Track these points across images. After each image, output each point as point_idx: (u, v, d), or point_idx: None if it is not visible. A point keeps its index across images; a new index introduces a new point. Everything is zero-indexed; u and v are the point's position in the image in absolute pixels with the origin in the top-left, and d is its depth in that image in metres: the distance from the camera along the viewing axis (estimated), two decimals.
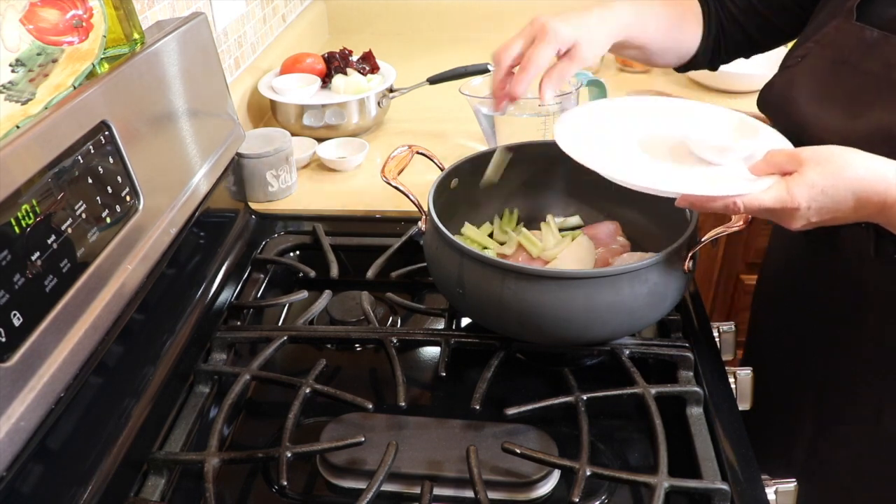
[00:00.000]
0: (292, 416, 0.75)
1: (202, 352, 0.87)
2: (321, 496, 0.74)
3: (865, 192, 0.66)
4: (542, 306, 0.74)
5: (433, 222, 0.82)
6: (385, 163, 0.87)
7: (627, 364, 0.81)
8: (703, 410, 0.79)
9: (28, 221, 0.59)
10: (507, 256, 0.90)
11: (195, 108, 0.90)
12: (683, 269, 0.78)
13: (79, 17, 0.71)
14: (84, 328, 0.63)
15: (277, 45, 1.55)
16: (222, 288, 0.95)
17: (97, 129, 0.69)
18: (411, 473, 0.72)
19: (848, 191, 0.66)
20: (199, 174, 0.89)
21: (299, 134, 1.32)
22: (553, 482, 0.73)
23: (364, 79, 1.38)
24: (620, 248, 0.92)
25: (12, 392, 0.55)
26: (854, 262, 0.83)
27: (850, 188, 0.66)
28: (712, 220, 1.04)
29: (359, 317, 0.95)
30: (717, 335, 0.89)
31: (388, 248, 1.03)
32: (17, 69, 0.65)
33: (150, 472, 0.73)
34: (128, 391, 0.74)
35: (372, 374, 0.89)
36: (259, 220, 1.12)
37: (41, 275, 0.59)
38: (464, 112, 1.48)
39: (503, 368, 0.83)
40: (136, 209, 0.74)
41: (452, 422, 0.77)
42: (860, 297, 0.83)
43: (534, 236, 0.92)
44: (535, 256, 0.89)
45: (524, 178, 1.00)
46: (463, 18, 1.92)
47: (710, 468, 0.72)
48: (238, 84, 1.34)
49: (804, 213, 0.67)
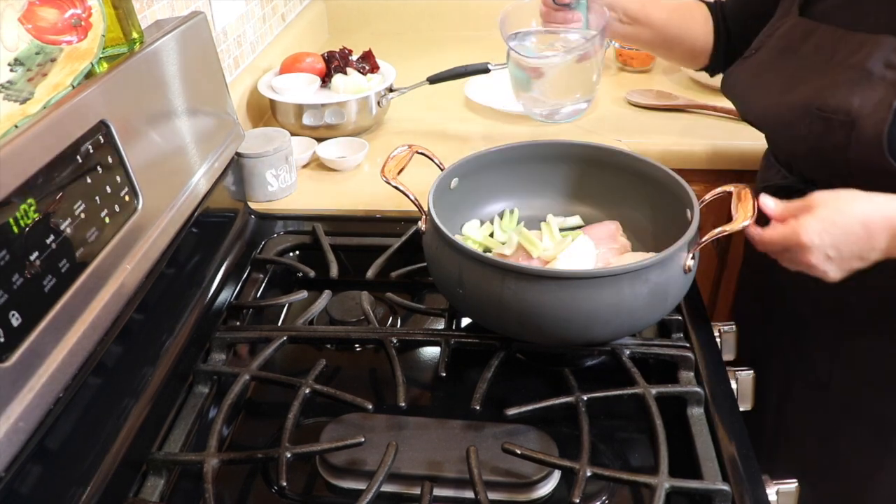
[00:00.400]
0: (292, 416, 0.75)
1: (201, 352, 0.87)
2: (321, 497, 0.74)
3: (872, 220, 0.71)
4: (542, 306, 0.74)
5: (433, 222, 0.82)
6: (385, 163, 0.87)
7: (628, 364, 0.81)
8: (704, 411, 0.78)
9: (27, 221, 0.58)
10: (507, 256, 0.90)
11: (194, 107, 0.90)
12: (684, 269, 0.78)
13: (77, 17, 0.71)
14: (83, 328, 0.63)
15: (277, 45, 1.55)
16: (222, 288, 0.95)
17: (96, 129, 0.69)
18: (411, 474, 0.72)
19: (856, 221, 0.71)
20: (199, 174, 0.89)
21: (299, 133, 1.32)
22: (553, 483, 0.73)
23: (364, 78, 1.38)
24: (621, 248, 0.92)
25: (11, 392, 0.55)
26: None
27: (857, 218, 0.71)
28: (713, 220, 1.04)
29: (359, 317, 0.95)
30: (717, 335, 0.89)
31: (388, 248, 1.03)
32: (15, 68, 0.65)
33: (149, 473, 0.73)
34: (127, 391, 0.74)
35: (372, 375, 0.89)
36: (259, 219, 1.12)
37: (40, 275, 0.59)
38: (464, 112, 1.48)
39: (503, 369, 0.83)
40: (135, 209, 0.74)
41: (452, 422, 0.77)
42: None
43: (534, 236, 0.91)
44: (535, 256, 0.89)
45: (524, 178, 1.00)
46: (463, 18, 1.92)
47: (711, 469, 0.72)
48: (237, 83, 1.33)
49: (819, 248, 0.72)
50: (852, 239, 0.71)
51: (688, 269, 0.78)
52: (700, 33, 1.09)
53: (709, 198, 0.85)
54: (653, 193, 0.93)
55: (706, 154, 1.30)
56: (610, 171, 0.96)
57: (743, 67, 0.96)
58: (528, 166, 0.99)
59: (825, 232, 0.71)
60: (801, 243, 0.72)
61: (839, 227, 0.71)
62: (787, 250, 0.75)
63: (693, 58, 1.12)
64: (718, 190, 0.83)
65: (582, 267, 0.85)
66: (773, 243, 0.75)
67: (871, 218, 0.71)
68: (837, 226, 0.71)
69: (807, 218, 0.72)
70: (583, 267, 0.85)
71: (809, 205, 0.74)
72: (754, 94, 0.92)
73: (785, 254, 0.76)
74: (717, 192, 0.83)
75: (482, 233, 0.96)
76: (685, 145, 1.30)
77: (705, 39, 1.09)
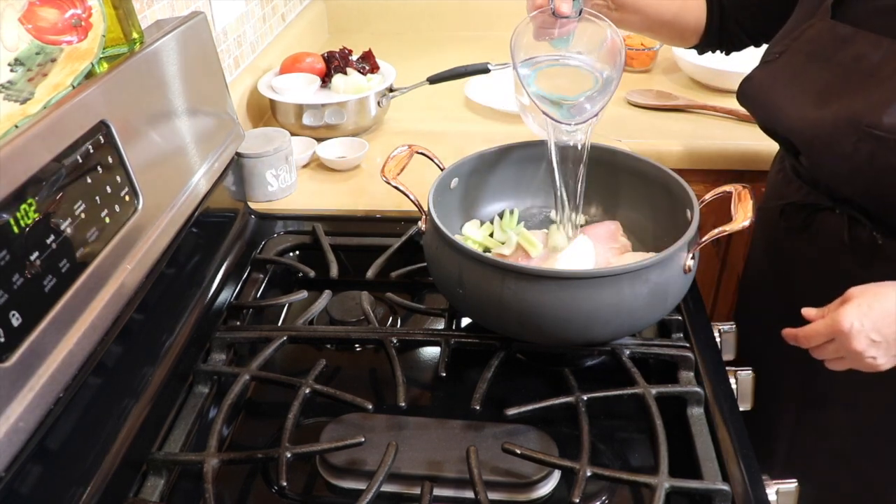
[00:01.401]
0: (292, 416, 0.75)
1: (201, 352, 0.87)
2: (321, 497, 0.74)
3: None
4: (542, 306, 0.74)
5: (433, 222, 0.82)
6: (385, 163, 0.87)
7: (628, 364, 0.81)
8: (704, 411, 0.78)
9: (27, 221, 0.58)
10: (507, 257, 0.90)
11: (194, 107, 0.90)
12: (684, 269, 0.78)
13: (78, 17, 0.71)
14: (83, 328, 0.63)
15: (277, 45, 1.55)
16: (222, 288, 0.95)
17: (96, 129, 0.69)
18: (411, 474, 0.72)
19: (893, 303, 0.71)
20: (199, 174, 0.89)
21: (299, 133, 1.32)
22: (553, 483, 0.73)
23: (364, 78, 1.38)
24: (621, 248, 0.92)
25: (11, 392, 0.55)
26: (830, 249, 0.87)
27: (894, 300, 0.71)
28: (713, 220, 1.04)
29: (359, 317, 0.95)
30: (717, 335, 0.89)
31: (388, 248, 1.03)
32: (15, 68, 0.65)
33: (149, 473, 0.73)
34: (127, 391, 0.74)
35: (372, 375, 0.89)
36: (259, 219, 1.12)
37: (40, 275, 0.59)
38: (464, 112, 1.48)
39: (503, 369, 0.83)
40: (136, 209, 0.74)
41: (452, 422, 0.77)
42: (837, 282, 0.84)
43: (533, 236, 0.92)
44: (534, 256, 0.89)
45: (524, 178, 1.00)
46: (463, 18, 1.92)
47: (711, 469, 0.72)
48: (237, 83, 1.33)
49: (860, 332, 0.71)
50: (891, 320, 0.71)
51: (688, 270, 0.78)
52: (692, 15, 1.04)
53: (709, 198, 0.85)
54: (653, 193, 0.93)
55: (706, 154, 1.30)
56: (610, 171, 0.96)
57: (765, 73, 0.90)
58: (528, 166, 0.99)
59: (864, 316, 0.71)
60: (842, 330, 0.72)
61: (877, 310, 0.71)
62: (832, 342, 0.74)
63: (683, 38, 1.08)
64: (718, 190, 0.83)
65: (582, 267, 0.85)
66: (816, 335, 0.75)
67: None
68: (875, 309, 0.71)
69: (845, 306, 0.73)
70: (583, 267, 0.85)
71: (846, 298, 0.74)
72: (781, 104, 0.86)
73: (829, 346, 0.75)
74: (717, 192, 0.83)
75: (482, 233, 0.96)
76: (685, 145, 1.30)
77: (697, 19, 1.04)
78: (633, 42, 1.66)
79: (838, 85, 0.80)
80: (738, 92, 0.94)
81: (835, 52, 0.81)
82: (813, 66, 0.83)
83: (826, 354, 0.77)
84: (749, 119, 1.34)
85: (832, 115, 0.79)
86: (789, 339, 0.77)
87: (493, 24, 1.89)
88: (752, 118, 0.97)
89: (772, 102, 0.88)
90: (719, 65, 1.51)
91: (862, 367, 0.75)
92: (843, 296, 0.74)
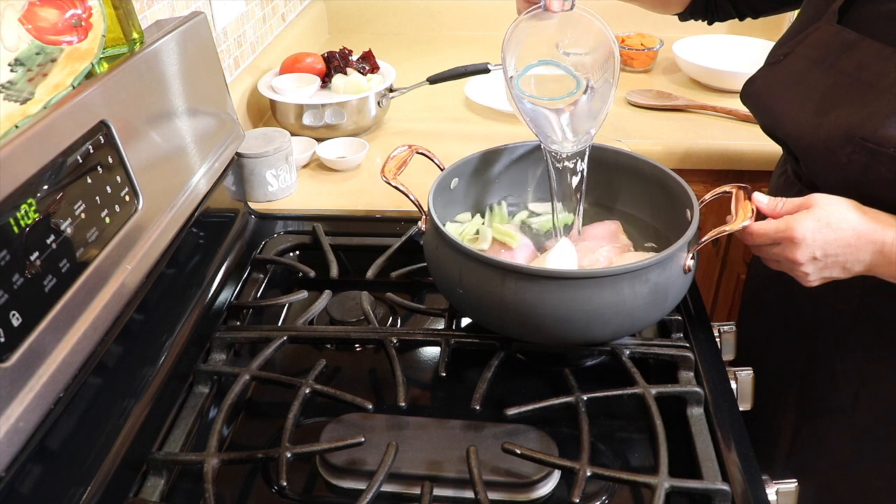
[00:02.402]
0: (292, 416, 0.75)
1: (202, 352, 0.87)
2: (321, 497, 0.74)
3: (865, 232, 0.71)
4: (542, 306, 0.74)
5: (433, 222, 0.82)
6: (385, 163, 0.87)
7: (628, 364, 0.81)
8: (704, 411, 0.79)
9: (27, 221, 0.58)
10: (486, 251, 0.89)
11: (194, 107, 0.90)
12: (684, 268, 0.78)
13: (78, 17, 0.71)
14: (83, 328, 0.63)
15: (277, 45, 1.55)
16: (222, 288, 0.95)
17: (96, 129, 0.69)
18: (411, 474, 0.72)
19: (850, 228, 0.71)
20: (199, 174, 0.89)
21: (299, 134, 1.32)
22: (553, 483, 0.73)
23: (364, 78, 1.38)
24: (621, 247, 0.92)
25: (11, 392, 0.55)
26: None
27: (852, 226, 0.71)
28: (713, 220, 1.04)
29: (359, 317, 0.95)
30: (717, 335, 0.89)
31: (388, 248, 1.03)
32: (15, 69, 0.65)
33: (149, 473, 0.73)
34: (127, 391, 0.74)
35: (372, 375, 0.89)
36: (259, 219, 1.12)
37: (40, 275, 0.59)
38: (464, 112, 1.48)
39: (503, 369, 0.83)
40: (136, 209, 0.74)
41: (452, 422, 0.77)
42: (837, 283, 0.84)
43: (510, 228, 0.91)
44: (514, 248, 0.89)
45: (524, 178, 1.00)
46: (463, 18, 1.92)
47: (711, 469, 0.72)
48: (237, 84, 1.34)
49: (809, 246, 0.72)
50: (842, 244, 0.71)
51: (688, 269, 0.78)
52: None
53: (709, 198, 0.85)
54: (653, 193, 0.93)
55: (706, 154, 1.30)
56: (610, 171, 0.96)
57: (769, 75, 0.89)
58: (529, 166, 0.99)
59: (818, 231, 0.71)
60: (793, 237, 0.72)
61: (833, 229, 0.71)
62: (777, 244, 0.74)
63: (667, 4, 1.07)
64: (718, 190, 0.83)
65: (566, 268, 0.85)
66: (764, 235, 0.75)
67: (865, 230, 0.71)
68: (832, 228, 0.71)
69: (804, 214, 0.72)
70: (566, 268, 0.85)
71: (807, 203, 0.74)
72: (783, 109, 0.85)
73: (773, 248, 0.75)
74: (717, 192, 0.83)
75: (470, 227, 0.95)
76: (685, 145, 1.30)
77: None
78: (633, 42, 1.66)
79: (839, 93, 0.79)
80: (742, 93, 0.94)
81: (838, 59, 0.80)
82: (815, 72, 0.82)
83: (766, 255, 0.77)
84: (749, 119, 1.34)
85: (829, 124, 0.79)
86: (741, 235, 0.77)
87: (493, 24, 1.89)
88: (752, 118, 0.97)
89: (773, 106, 0.88)
90: (719, 65, 1.51)
91: (792, 273, 0.76)
92: (804, 201, 0.74)
